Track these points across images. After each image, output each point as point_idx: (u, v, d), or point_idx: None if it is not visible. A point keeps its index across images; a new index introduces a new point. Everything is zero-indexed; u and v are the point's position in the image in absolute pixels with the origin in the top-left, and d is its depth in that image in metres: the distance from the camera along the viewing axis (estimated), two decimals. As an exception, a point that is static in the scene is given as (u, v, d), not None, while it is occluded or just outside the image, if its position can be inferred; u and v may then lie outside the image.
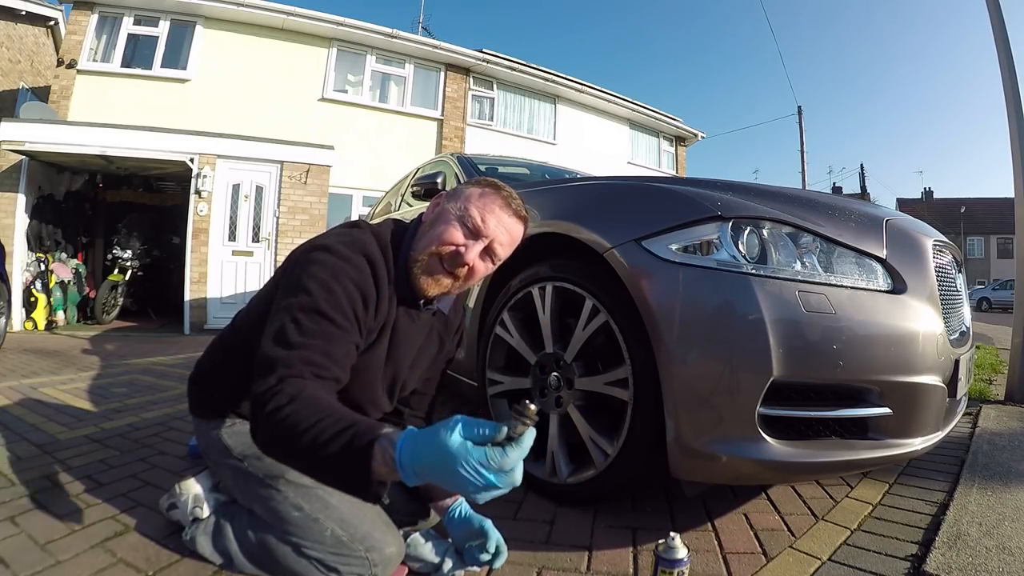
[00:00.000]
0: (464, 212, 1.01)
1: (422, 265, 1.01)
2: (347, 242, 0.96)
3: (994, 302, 20.02)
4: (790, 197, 1.32)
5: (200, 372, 1.19)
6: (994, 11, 3.05)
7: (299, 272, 0.92)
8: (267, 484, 1.03)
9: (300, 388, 0.79)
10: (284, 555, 0.99)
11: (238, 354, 1.10)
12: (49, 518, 1.25)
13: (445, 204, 1.06)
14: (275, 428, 0.77)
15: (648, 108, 11.28)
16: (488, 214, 1.02)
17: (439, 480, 0.66)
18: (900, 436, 1.15)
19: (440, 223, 1.03)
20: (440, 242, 1.00)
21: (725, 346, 1.09)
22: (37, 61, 9.36)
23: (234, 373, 1.11)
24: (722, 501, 1.44)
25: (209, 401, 1.15)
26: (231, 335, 1.16)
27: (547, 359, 1.44)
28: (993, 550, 1.15)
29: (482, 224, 1.01)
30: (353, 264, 0.93)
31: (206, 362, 1.19)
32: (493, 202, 1.03)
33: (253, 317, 1.09)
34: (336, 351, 0.88)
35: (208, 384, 1.16)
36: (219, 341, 1.19)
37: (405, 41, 8.27)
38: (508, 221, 1.04)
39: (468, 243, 1.00)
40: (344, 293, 0.90)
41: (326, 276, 0.90)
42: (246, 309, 1.16)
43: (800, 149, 15.64)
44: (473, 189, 1.06)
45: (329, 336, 0.87)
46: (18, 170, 5.66)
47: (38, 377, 2.97)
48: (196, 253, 5.90)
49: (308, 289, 0.88)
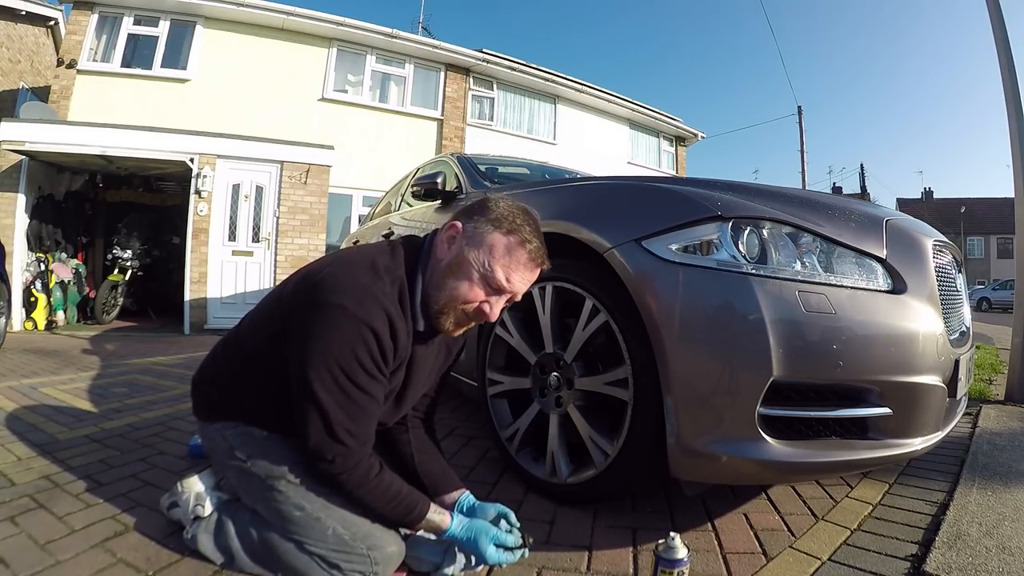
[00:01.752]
0: (489, 272, 1.00)
1: (448, 317, 1.04)
2: (363, 298, 0.94)
3: (994, 302, 20.02)
4: (790, 197, 1.32)
5: (204, 376, 1.19)
6: (994, 11, 3.05)
7: (319, 330, 0.93)
8: (269, 484, 1.03)
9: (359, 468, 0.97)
10: (286, 552, 1.00)
11: (239, 366, 1.13)
12: (49, 518, 1.25)
13: (466, 252, 1.02)
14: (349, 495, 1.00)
15: (648, 108, 11.28)
16: (513, 273, 1.01)
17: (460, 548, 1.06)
18: (900, 436, 1.15)
19: (462, 277, 1.01)
20: (464, 300, 1.02)
21: (725, 346, 1.09)
22: (37, 61, 9.36)
23: (237, 380, 1.13)
24: (722, 501, 1.44)
25: (213, 404, 1.15)
26: (234, 345, 1.16)
27: (547, 359, 1.44)
28: (993, 550, 1.15)
29: (507, 283, 1.01)
30: (372, 327, 0.93)
31: (209, 367, 1.19)
32: (519, 259, 1.01)
33: (255, 332, 1.11)
34: (374, 417, 1.01)
35: (211, 388, 1.17)
36: (222, 348, 1.20)
37: (405, 41, 8.27)
38: (531, 276, 1.05)
39: (491, 300, 1.03)
40: (368, 356, 0.94)
41: (350, 342, 0.92)
42: (248, 321, 1.17)
43: (800, 149, 15.64)
44: (496, 239, 1.01)
45: (367, 407, 0.97)
46: (18, 170, 5.66)
47: (38, 377, 2.97)
48: (196, 253, 5.90)
49: (335, 357, 0.92)
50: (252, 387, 1.09)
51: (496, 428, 1.59)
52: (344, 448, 0.95)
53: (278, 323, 1.03)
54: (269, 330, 1.06)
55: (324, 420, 0.93)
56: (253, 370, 1.09)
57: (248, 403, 1.10)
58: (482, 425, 1.94)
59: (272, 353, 1.03)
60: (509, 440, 1.54)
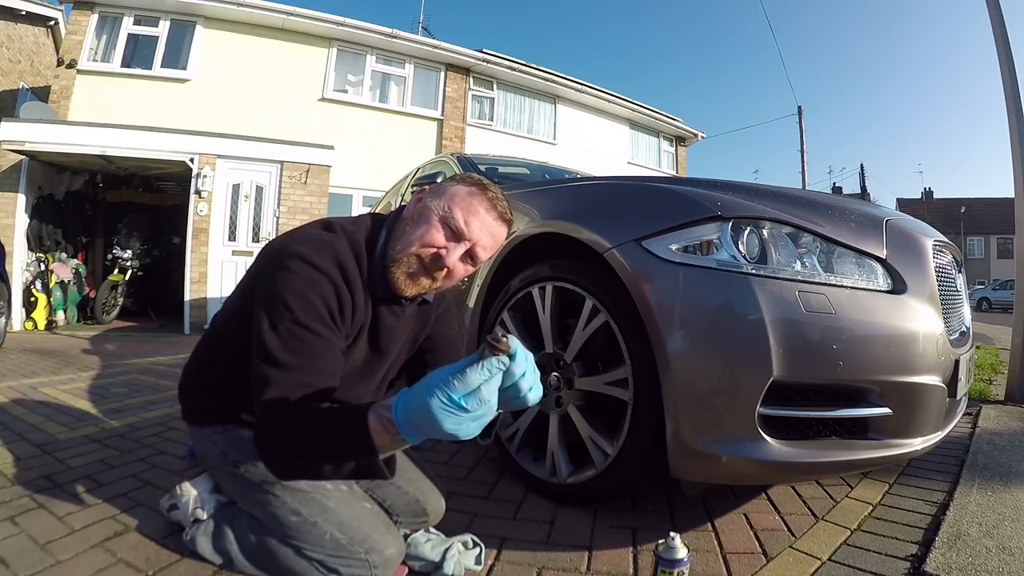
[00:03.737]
0: (448, 213, 0.98)
1: (401, 265, 0.99)
2: (318, 248, 0.93)
3: (994, 302, 20.01)
4: (790, 197, 1.32)
5: (188, 379, 1.17)
6: (994, 11, 3.05)
7: (274, 282, 0.91)
8: (264, 490, 1.03)
9: (295, 400, 0.83)
10: (285, 556, 0.99)
11: (221, 358, 1.09)
12: (49, 518, 1.25)
13: (428, 201, 1.01)
14: (278, 441, 0.83)
15: (648, 108, 11.29)
16: (472, 216, 0.98)
17: (431, 428, 0.69)
18: (900, 436, 1.15)
19: (422, 222, 0.99)
20: (421, 243, 0.97)
21: (725, 346, 1.09)
22: (37, 61, 9.36)
23: (221, 378, 1.10)
24: (722, 501, 1.44)
25: (201, 407, 1.14)
26: (211, 339, 1.14)
27: (547, 359, 1.44)
28: (993, 550, 1.15)
29: (465, 227, 0.97)
30: (325, 271, 0.91)
31: (193, 368, 1.17)
32: (479, 204, 0.99)
33: (231, 318, 1.08)
34: (324, 363, 0.90)
35: (197, 390, 1.15)
36: (202, 346, 1.17)
37: (405, 41, 8.27)
38: (492, 224, 1.01)
39: (449, 245, 0.98)
40: (322, 301, 0.90)
41: (302, 287, 0.89)
42: (222, 310, 1.14)
43: (800, 149, 15.63)
44: (458, 187, 1.01)
45: (315, 350, 0.89)
46: (18, 170, 5.66)
47: (38, 377, 2.97)
48: (196, 253, 5.90)
49: (287, 303, 0.88)
50: (232, 376, 1.06)
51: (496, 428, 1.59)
52: (283, 391, 0.84)
53: (245, 300, 1.00)
54: (237, 312, 1.04)
55: (271, 364, 0.86)
56: (234, 363, 1.04)
57: (231, 396, 1.08)
58: (482, 425, 1.94)
59: (244, 334, 0.97)
60: (509, 440, 1.54)
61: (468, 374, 0.67)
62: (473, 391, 0.67)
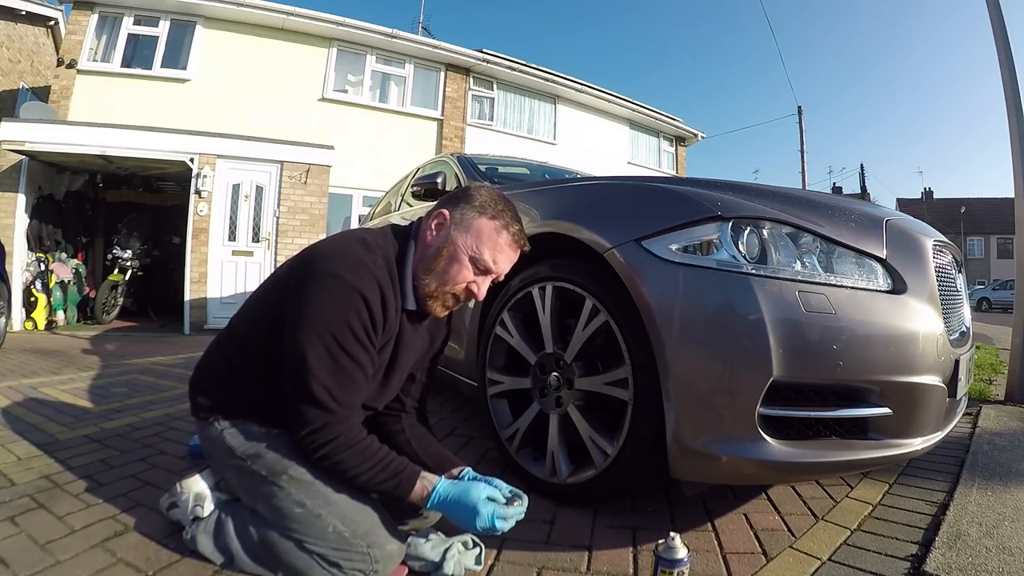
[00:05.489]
0: (477, 254, 1.09)
1: (439, 299, 1.10)
2: (355, 267, 1.00)
3: (994, 302, 20.01)
4: (790, 197, 1.32)
5: (200, 376, 1.19)
6: (994, 11, 3.05)
7: (315, 301, 0.97)
8: (270, 481, 1.04)
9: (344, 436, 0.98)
10: (286, 550, 1.00)
11: (237, 358, 1.14)
12: (49, 518, 1.25)
13: (454, 236, 1.09)
14: (329, 470, 1.00)
15: (648, 108, 11.28)
16: (500, 254, 1.11)
17: (457, 517, 0.99)
18: (900, 436, 1.15)
19: (453, 262, 1.08)
20: (455, 282, 1.09)
21: (725, 346, 1.09)
22: (37, 61, 9.36)
23: (234, 376, 1.13)
24: (722, 501, 1.44)
25: (210, 404, 1.15)
26: (228, 339, 1.17)
27: (547, 359, 1.44)
28: (993, 550, 1.15)
29: (493, 264, 1.10)
30: (365, 293, 0.98)
31: (205, 366, 1.19)
32: (503, 241, 1.11)
33: (252, 321, 1.13)
34: (362, 390, 1.03)
35: (209, 387, 1.16)
36: (217, 345, 1.20)
37: (405, 41, 8.27)
38: (513, 256, 1.14)
39: (479, 280, 1.11)
40: (361, 324, 0.98)
41: (342, 308, 0.97)
42: (243, 312, 1.18)
43: (800, 149, 15.63)
44: (483, 223, 1.10)
45: (354, 375, 0.99)
46: (18, 170, 5.66)
47: (38, 377, 2.97)
48: (196, 253, 5.90)
49: (331, 327, 0.96)
50: (250, 376, 1.10)
51: (496, 428, 1.59)
52: (331, 415, 0.96)
53: (273, 307, 1.06)
54: (264, 315, 1.09)
55: (313, 386, 0.95)
56: (250, 359, 1.10)
57: (246, 394, 1.11)
58: (482, 425, 1.94)
59: (270, 339, 1.04)
60: (509, 440, 1.54)
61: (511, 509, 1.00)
62: (506, 519, 0.98)
